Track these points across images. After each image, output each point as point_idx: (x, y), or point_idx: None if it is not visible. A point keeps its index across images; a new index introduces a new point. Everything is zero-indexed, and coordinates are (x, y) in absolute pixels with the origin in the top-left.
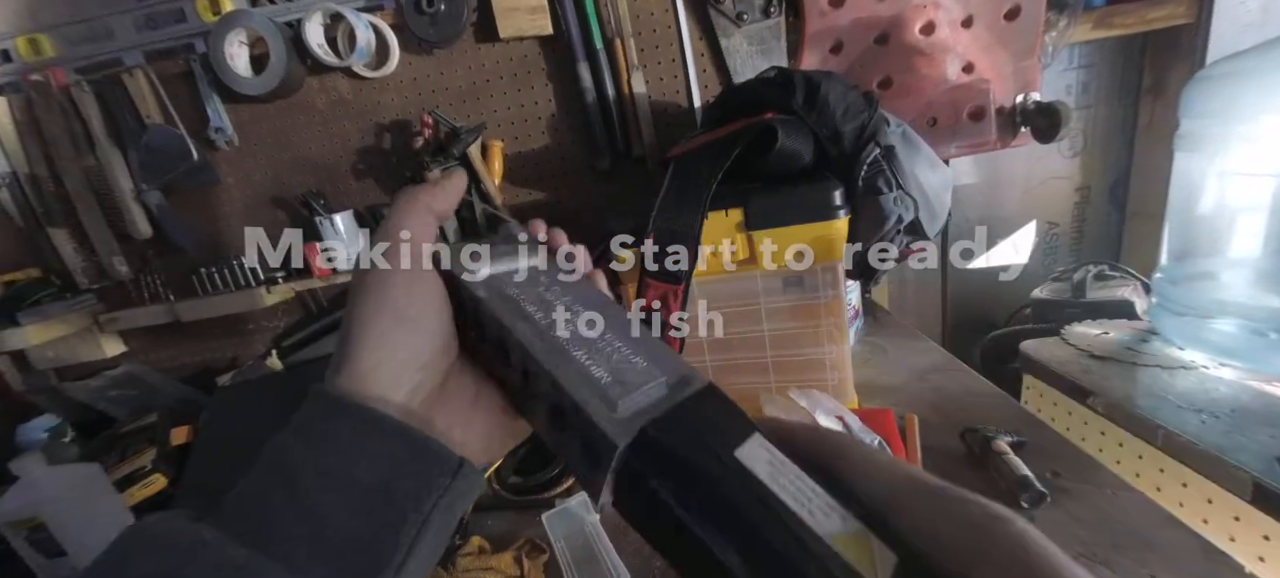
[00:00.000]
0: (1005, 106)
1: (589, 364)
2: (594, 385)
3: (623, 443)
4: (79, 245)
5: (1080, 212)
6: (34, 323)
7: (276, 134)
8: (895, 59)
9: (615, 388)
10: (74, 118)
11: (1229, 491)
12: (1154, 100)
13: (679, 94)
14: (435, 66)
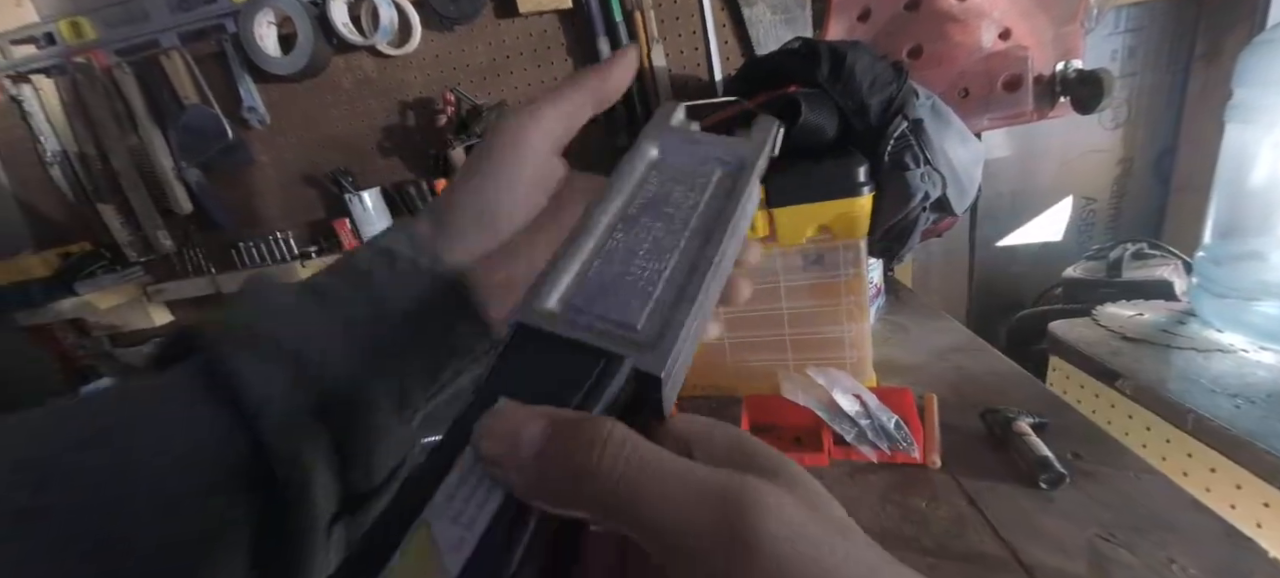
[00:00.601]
0: (1043, 75)
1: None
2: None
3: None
4: (126, 220)
5: (1120, 186)
6: (89, 293)
7: (306, 113)
8: (926, 26)
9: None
10: (117, 98)
11: (1260, 477)
12: (1207, 67)
13: (700, 67)
14: (456, 43)
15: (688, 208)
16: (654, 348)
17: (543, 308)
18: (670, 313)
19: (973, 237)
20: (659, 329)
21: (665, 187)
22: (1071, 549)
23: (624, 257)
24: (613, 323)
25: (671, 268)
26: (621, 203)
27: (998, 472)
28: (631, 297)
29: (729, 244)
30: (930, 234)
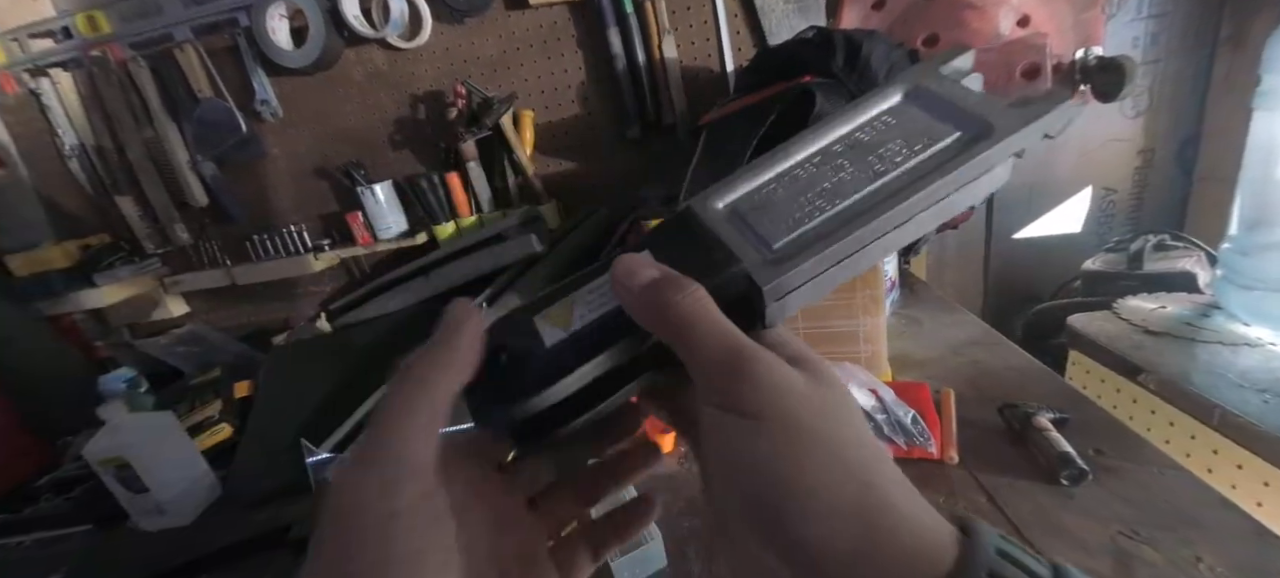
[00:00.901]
0: (1063, 62)
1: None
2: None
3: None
4: (143, 213)
5: (1142, 177)
6: (108, 284)
7: (317, 106)
8: (942, 13)
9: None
10: (132, 92)
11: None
12: (1232, 52)
13: (711, 58)
14: (466, 36)
15: (893, 163)
16: (774, 267)
17: (710, 205)
18: (807, 247)
19: (989, 229)
20: (788, 255)
21: (885, 134)
22: (1094, 547)
23: (803, 187)
24: (756, 236)
25: (836, 212)
26: (832, 138)
27: (1017, 468)
28: (784, 221)
29: (914, 211)
30: (946, 227)
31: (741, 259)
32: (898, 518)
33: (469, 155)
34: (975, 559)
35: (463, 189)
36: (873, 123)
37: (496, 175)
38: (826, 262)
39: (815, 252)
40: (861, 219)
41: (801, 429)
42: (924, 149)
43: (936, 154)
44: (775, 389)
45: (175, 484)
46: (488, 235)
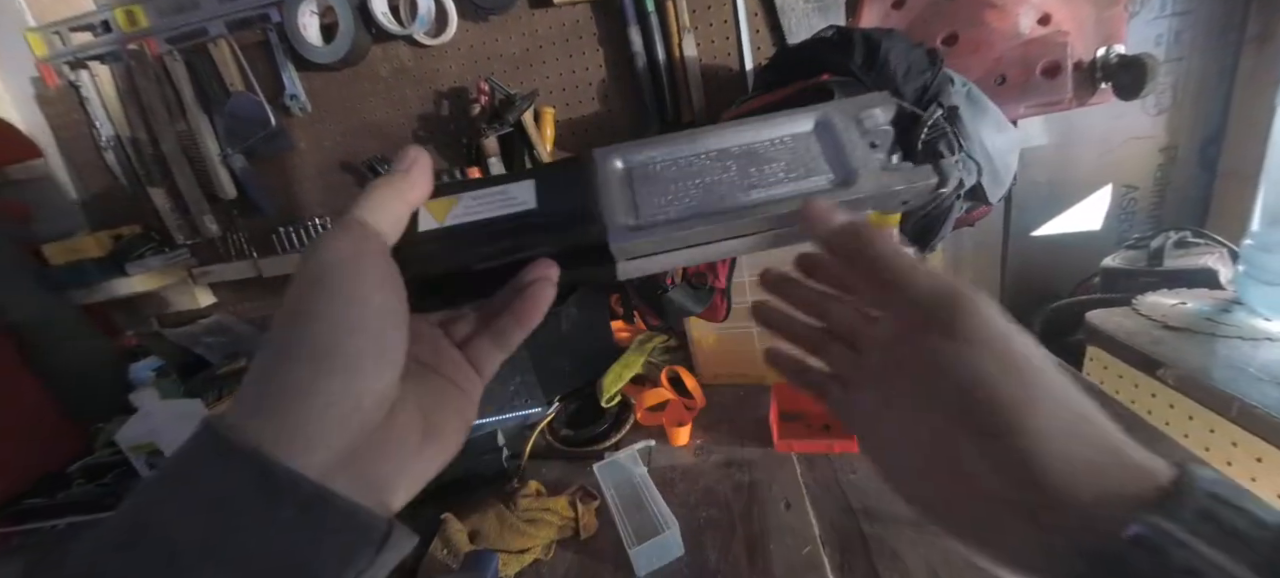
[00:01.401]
0: (1084, 61)
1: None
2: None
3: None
4: (174, 204)
5: (1164, 174)
6: (139, 273)
7: (344, 101)
8: (963, 12)
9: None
10: (167, 85)
11: None
12: (1259, 48)
13: (730, 56)
14: (491, 33)
15: (767, 182)
16: (630, 234)
17: (611, 160)
18: (663, 228)
19: (1007, 226)
20: (645, 228)
21: (777, 154)
22: None
23: (688, 174)
24: (632, 202)
25: (700, 207)
26: (736, 140)
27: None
28: (659, 198)
29: (761, 230)
30: (963, 223)
31: (606, 223)
32: (1114, 437)
33: (490, 151)
34: (1193, 480)
35: None
36: (776, 139)
37: (517, 170)
38: (673, 245)
39: (666, 235)
40: (716, 222)
41: (1020, 356)
42: (797, 180)
43: (804, 187)
44: (995, 322)
45: None
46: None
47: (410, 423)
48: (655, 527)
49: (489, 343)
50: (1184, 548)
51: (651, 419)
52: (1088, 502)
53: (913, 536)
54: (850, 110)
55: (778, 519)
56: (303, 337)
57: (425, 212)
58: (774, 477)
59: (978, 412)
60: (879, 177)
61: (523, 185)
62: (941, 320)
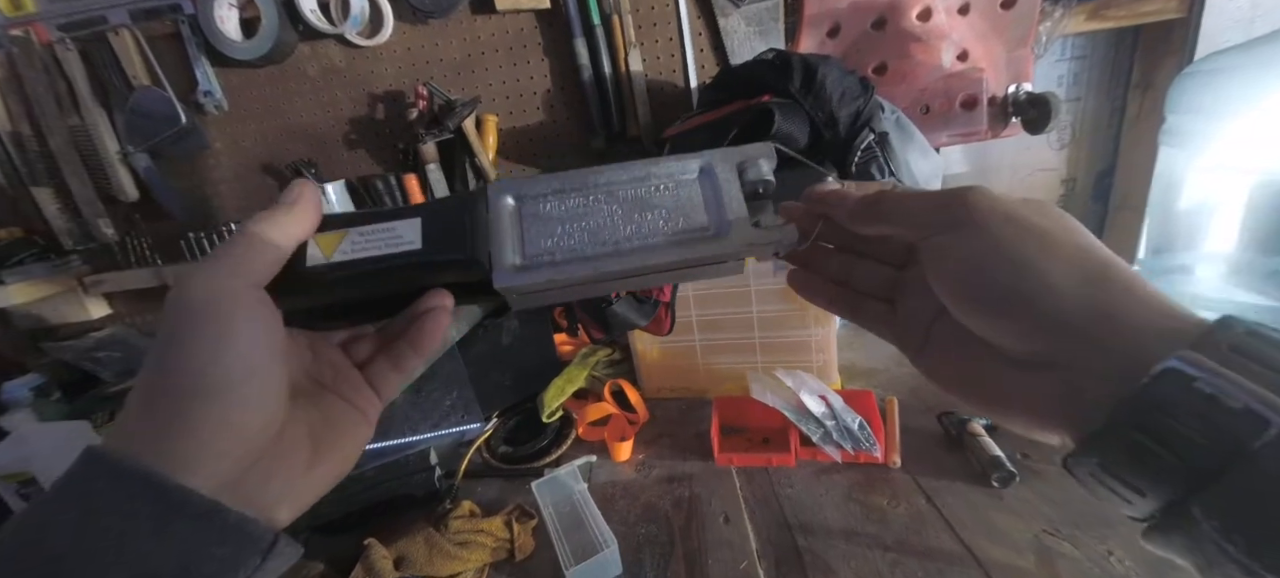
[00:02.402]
0: (997, 96)
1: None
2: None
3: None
4: (64, 206)
5: (1065, 204)
6: (17, 282)
7: (267, 100)
8: (892, 44)
9: None
10: (58, 76)
11: None
12: (1142, 94)
13: (676, 74)
14: (430, 37)
15: (649, 226)
16: (516, 273)
17: (504, 197)
18: (548, 267)
19: None
20: (530, 267)
21: (661, 199)
22: (1020, 544)
23: (575, 214)
24: (519, 239)
25: (585, 249)
26: (624, 178)
27: (953, 471)
28: (547, 237)
29: (642, 273)
30: None
31: (492, 264)
32: (1137, 287)
33: (429, 158)
34: (1233, 321)
35: (421, 192)
36: (662, 182)
37: (457, 179)
38: (558, 284)
39: (550, 275)
40: (599, 263)
41: (1026, 221)
42: (677, 225)
43: (681, 234)
44: (992, 199)
45: None
46: None
47: (297, 446)
48: (594, 546)
49: (388, 367)
50: (1211, 375)
51: (594, 434)
52: (1106, 344)
53: (845, 549)
54: (733, 159)
55: (716, 534)
56: (177, 369)
57: (314, 245)
58: (714, 491)
59: (994, 282)
60: (747, 233)
61: (409, 224)
62: (948, 217)
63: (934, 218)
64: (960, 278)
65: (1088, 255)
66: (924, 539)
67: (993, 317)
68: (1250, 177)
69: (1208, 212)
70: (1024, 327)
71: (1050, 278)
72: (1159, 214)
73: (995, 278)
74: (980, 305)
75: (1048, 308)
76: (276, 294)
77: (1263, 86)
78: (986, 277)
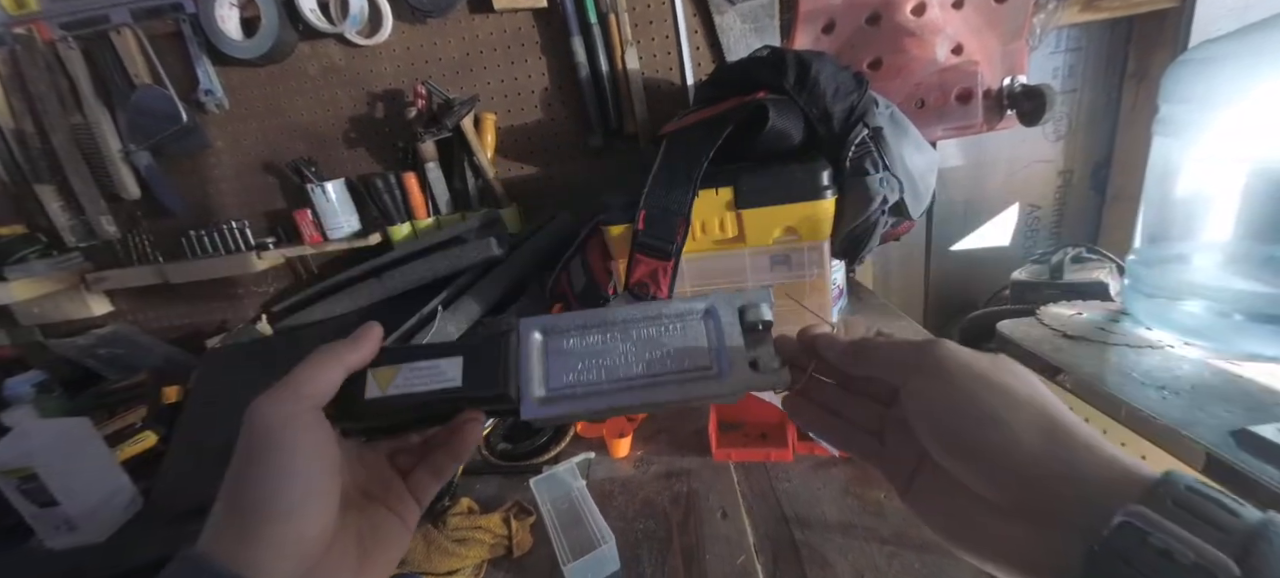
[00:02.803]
0: (992, 89)
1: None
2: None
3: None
4: (66, 204)
5: (1062, 195)
6: (20, 279)
7: (267, 99)
8: (886, 39)
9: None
10: (61, 74)
11: (1183, 462)
12: (1137, 85)
13: (672, 71)
14: (428, 36)
15: (656, 362)
16: (541, 404)
17: (533, 333)
18: (569, 399)
19: (929, 241)
20: (554, 399)
21: (668, 338)
22: None
23: (592, 352)
24: (545, 372)
25: (601, 382)
26: (638, 317)
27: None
28: (568, 371)
29: (650, 403)
30: (889, 238)
31: (520, 398)
32: (1084, 437)
33: (427, 156)
34: (1175, 478)
35: (420, 190)
36: (671, 321)
37: (456, 177)
38: (580, 412)
39: (570, 407)
40: (613, 399)
41: (981, 377)
42: (682, 364)
43: (686, 374)
44: (956, 354)
45: (89, 497)
46: (446, 238)
47: (347, 552)
48: (592, 542)
49: (427, 476)
50: (1161, 531)
51: (592, 431)
52: (1071, 496)
53: (841, 543)
54: (736, 302)
55: (714, 529)
56: (245, 489)
57: (372, 381)
58: (711, 486)
59: (966, 432)
60: (746, 375)
61: (452, 363)
62: (918, 365)
63: (908, 362)
64: (936, 423)
65: (1048, 415)
66: (921, 532)
67: (966, 464)
68: (1245, 165)
69: (1203, 201)
70: (995, 477)
71: (1015, 433)
72: (1154, 204)
73: (967, 428)
74: (955, 452)
75: (1015, 461)
76: (337, 417)
77: (1257, 74)
78: (958, 426)
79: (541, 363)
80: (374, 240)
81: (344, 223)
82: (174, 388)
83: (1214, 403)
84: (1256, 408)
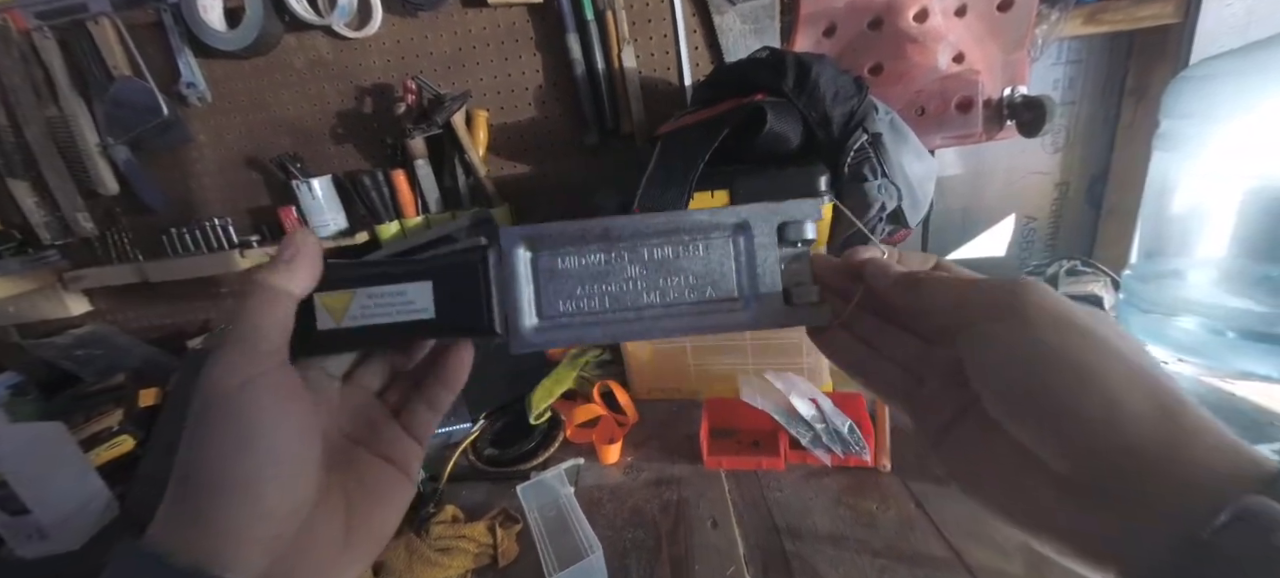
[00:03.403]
0: (992, 99)
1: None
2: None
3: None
4: (41, 199)
5: (1058, 207)
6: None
7: (252, 93)
8: (887, 45)
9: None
10: (35, 65)
11: None
12: (1136, 100)
13: (670, 71)
14: (419, 30)
15: (673, 290)
16: (528, 336)
17: (518, 250)
18: (567, 329)
19: (924, 249)
20: (548, 329)
21: (688, 262)
22: (1009, 549)
23: (594, 275)
24: (535, 297)
25: (605, 312)
26: (650, 233)
27: (943, 476)
28: (564, 297)
29: (657, 333)
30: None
31: (510, 328)
32: (1198, 414)
33: (417, 153)
34: None
35: (409, 188)
36: (691, 239)
37: (446, 175)
38: (580, 339)
39: (569, 336)
40: (619, 328)
41: (1082, 327)
42: (704, 294)
43: (707, 305)
44: (1052, 299)
45: (62, 504)
46: (436, 237)
47: (331, 522)
48: (579, 551)
49: (424, 409)
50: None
51: (582, 436)
52: (1175, 480)
53: (833, 554)
54: (774, 218)
55: (703, 539)
56: (201, 465)
57: (322, 309)
58: (702, 494)
59: (1052, 389)
60: (779, 310)
61: (420, 288)
62: (1010, 306)
63: (984, 301)
64: (1009, 375)
65: (1159, 382)
66: (913, 544)
67: (1041, 427)
68: (1243, 182)
69: (1200, 217)
70: (1077, 445)
71: (1118, 398)
72: (1151, 219)
73: (1054, 384)
74: (1029, 412)
75: (1119, 433)
76: (298, 351)
77: (1257, 92)
78: (1043, 381)
79: (531, 285)
80: (361, 239)
81: (330, 221)
82: (152, 390)
83: None
84: (1251, 427)
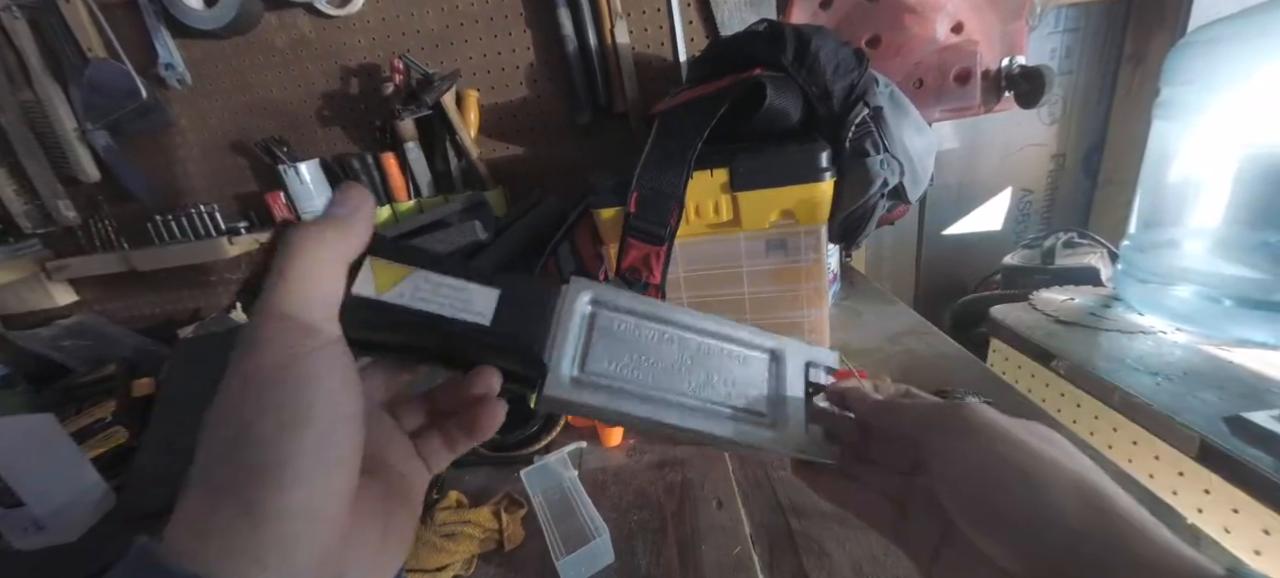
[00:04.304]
0: (991, 70)
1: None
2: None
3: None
4: (20, 188)
5: (1054, 179)
6: None
7: (234, 74)
8: (885, 16)
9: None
10: (7, 48)
11: (1176, 448)
12: (1134, 68)
13: (664, 46)
14: (405, 6)
15: (709, 385)
16: (568, 386)
17: (581, 296)
18: (601, 391)
19: (921, 226)
20: (585, 385)
21: (729, 366)
22: None
23: (644, 348)
24: (583, 351)
25: (642, 385)
26: (701, 328)
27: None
28: (608, 357)
29: (683, 427)
30: (885, 222)
31: (549, 369)
32: (1131, 514)
33: (407, 135)
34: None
35: (400, 171)
36: (734, 347)
37: (438, 158)
38: (605, 410)
39: (604, 401)
40: (654, 410)
41: (1014, 439)
42: (737, 401)
43: (738, 413)
44: (986, 414)
45: (56, 496)
46: (428, 221)
47: (369, 534)
48: (585, 534)
49: (440, 444)
50: None
51: (583, 420)
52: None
53: (839, 532)
54: (804, 355)
55: (709, 519)
56: (240, 453)
57: (368, 272)
58: (706, 475)
59: (991, 496)
60: (799, 438)
61: (485, 294)
62: (949, 423)
63: (935, 420)
64: (964, 487)
65: (1090, 483)
66: None
67: (996, 534)
68: (1240, 149)
69: (1196, 185)
70: (1028, 549)
71: (1053, 500)
72: (1150, 188)
73: (998, 492)
74: (984, 520)
75: (1052, 532)
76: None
77: (1257, 57)
78: (988, 490)
79: (581, 336)
80: None
81: (319, 206)
82: (145, 381)
83: (1206, 389)
84: (1248, 394)
